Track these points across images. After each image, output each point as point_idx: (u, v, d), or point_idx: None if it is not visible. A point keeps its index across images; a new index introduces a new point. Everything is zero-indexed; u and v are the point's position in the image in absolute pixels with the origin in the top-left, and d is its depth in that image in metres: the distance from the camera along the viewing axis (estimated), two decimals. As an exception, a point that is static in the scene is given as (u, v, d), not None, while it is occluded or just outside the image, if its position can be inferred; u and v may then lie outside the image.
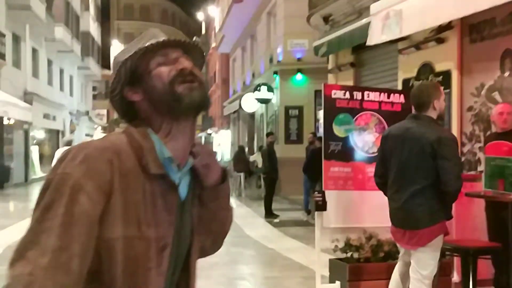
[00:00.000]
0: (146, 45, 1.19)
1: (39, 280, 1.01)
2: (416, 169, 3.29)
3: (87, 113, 33.56)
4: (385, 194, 3.60)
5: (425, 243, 3.31)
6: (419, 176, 3.28)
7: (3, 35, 17.36)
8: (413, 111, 3.55)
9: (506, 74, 5.67)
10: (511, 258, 3.60)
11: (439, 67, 6.71)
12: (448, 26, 6.32)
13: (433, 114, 3.38)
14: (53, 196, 1.06)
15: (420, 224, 3.31)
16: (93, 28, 34.20)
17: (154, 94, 1.18)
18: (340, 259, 4.66)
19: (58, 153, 12.21)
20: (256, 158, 14.57)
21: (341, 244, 4.68)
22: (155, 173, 1.14)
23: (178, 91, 1.16)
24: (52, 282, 1.01)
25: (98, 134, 40.24)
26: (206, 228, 1.29)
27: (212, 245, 1.36)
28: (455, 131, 6.43)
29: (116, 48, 45.93)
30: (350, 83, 8.98)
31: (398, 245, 3.72)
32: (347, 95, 4.87)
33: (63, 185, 1.06)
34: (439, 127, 3.41)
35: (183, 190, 1.22)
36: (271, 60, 16.61)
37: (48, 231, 1.03)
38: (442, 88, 3.48)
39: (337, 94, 4.87)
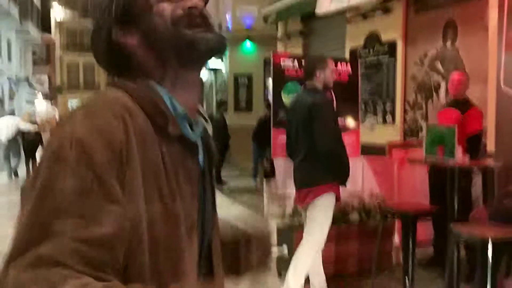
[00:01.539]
0: None
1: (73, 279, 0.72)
2: (302, 133, 3.59)
3: (27, 79, 32.08)
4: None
5: (309, 201, 3.62)
6: (304, 140, 3.58)
7: None
8: None
9: (448, 44, 5.87)
10: (449, 221, 3.80)
11: (385, 36, 6.85)
12: (394, -4, 6.43)
13: (318, 83, 3.65)
14: (54, 167, 0.78)
15: (306, 184, 3.66)
16: (32, -10, 32.39)
17: (156, 37, 0.92)
18: (288, 225, 4.77)
19: (1, 124, 11.73)
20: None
21: (288, 210, 4.78)
22: (173, 134, 0.90)
23: (186, 33, 0.92)
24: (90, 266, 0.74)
25: (40, 102, 38.73)
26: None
27: None
28: (398, 99, 6.63)
29: (57, 11, 43.77)
30: (299, 51, 9.02)
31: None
32: (296, 63, 4.90)
33: (64, 148, 0.78)
34: (318, 94, 3.64)
35: (200, 157, 0.98)
36: (219, 27, 16.37)
37: (58, 214, 0.75)
38: (329, 61, 3.76)
39: (285, 62, 4.89)
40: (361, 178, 4.96)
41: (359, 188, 4.88)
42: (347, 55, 7.51)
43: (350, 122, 5.21)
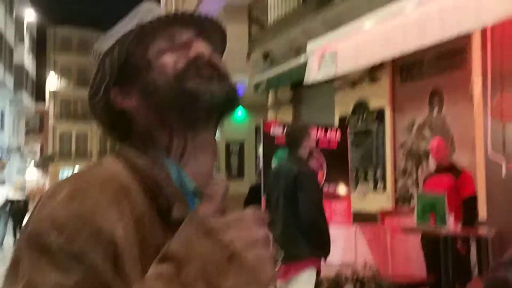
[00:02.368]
0: (142, 23, 0.80)
1: None
2: (283, 202, 3.49)
3: (19, 148, 32.09)
4: None
5: (291, 276, 3.43)
6: (286, 210, 3.47)
7: None
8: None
9: (435, 112, 5.97)
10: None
11: (373, 104, 6.97)
12: (380, 66, 6.61)
13: (303, 152, 3.60)
14: (36, 258, 0.66)
15: (286, 258, 3.40)
16: (28, 61, 33.13)
17: (156, 95, 0.79)
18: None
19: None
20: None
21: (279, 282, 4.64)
22: (178, 218, 0.73)
23: (189, 87, 0.79)
24: None
25: (31, 171, 38.55)
26: None
27: None
28: (389, 166, 6.65)
29: (52, 81, 44.58)
30: (289, 119, 9.14)
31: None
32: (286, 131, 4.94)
33: (44, 235, 0.66)
34: (304, 163, 3.60)
35: None
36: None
37: None
38: (309, 129, 3.75)
39: (275, 130, 4.93)
40: (354, 247, 4.86)
41: (352, 257, 4.78)
42: (336, 123, 7.61)
43: (341, 189, 5.19)
